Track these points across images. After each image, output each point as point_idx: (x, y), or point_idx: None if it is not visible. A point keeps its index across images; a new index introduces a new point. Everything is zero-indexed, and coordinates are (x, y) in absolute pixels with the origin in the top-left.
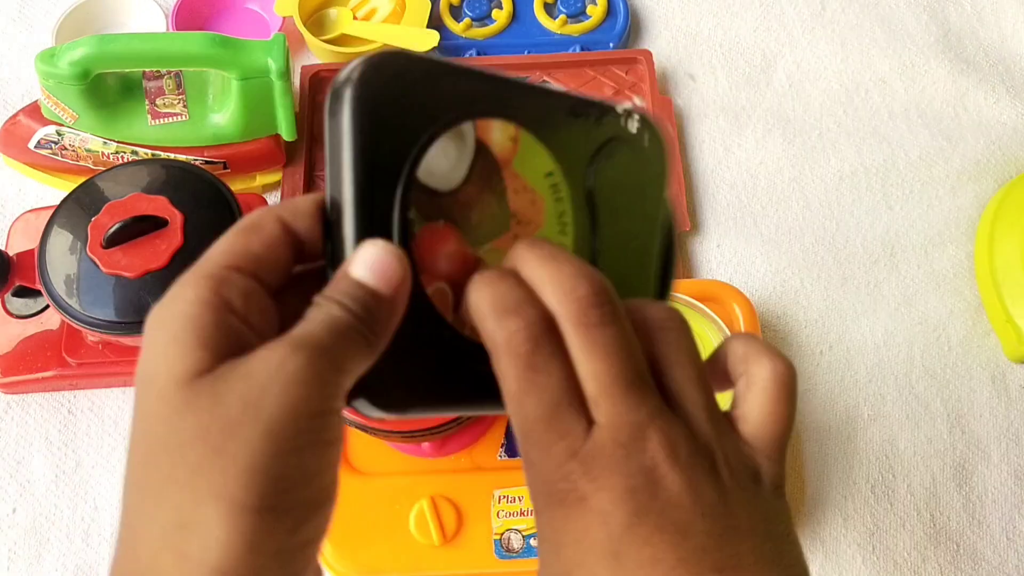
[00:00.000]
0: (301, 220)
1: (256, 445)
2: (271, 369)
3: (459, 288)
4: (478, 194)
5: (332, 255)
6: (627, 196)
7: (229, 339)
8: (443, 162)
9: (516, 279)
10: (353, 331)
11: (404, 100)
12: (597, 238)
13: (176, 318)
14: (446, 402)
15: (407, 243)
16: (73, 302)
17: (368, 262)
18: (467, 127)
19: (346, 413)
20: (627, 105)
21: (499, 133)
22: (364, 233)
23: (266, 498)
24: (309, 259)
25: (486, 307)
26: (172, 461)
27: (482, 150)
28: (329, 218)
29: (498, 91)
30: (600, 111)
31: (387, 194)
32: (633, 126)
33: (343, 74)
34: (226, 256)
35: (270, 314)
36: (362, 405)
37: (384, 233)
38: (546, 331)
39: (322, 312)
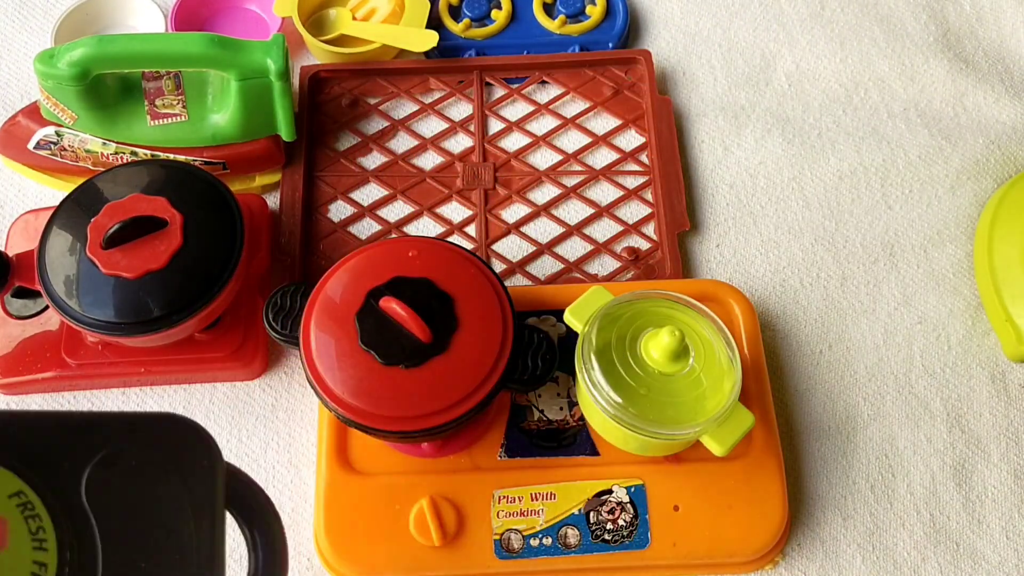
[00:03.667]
0: None
1: None
2: None
3: None
4: None
5: None
6: (139, 506)
7: None
8: None
9: None
10: None
11: None
12: (105, 548)
13: None
14: None
15: None
16: (72, 303)
17: None
18: None
19: (337, 408)
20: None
21: None
22: None
23: None
24: None
25: None
26: None
27: None
28: None
29: None
30: (89, 428)
31: None
32: (136, 432)
33: None
34: None
35: None
36: None
37: None
38: None
39: None
